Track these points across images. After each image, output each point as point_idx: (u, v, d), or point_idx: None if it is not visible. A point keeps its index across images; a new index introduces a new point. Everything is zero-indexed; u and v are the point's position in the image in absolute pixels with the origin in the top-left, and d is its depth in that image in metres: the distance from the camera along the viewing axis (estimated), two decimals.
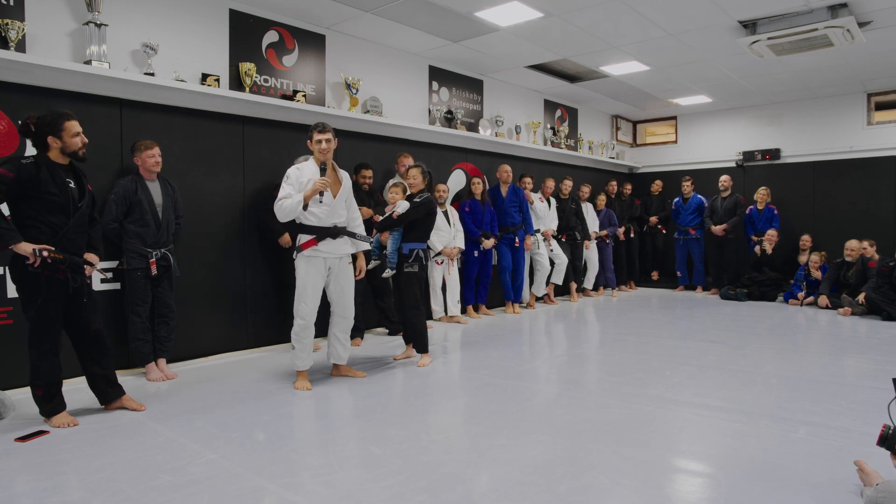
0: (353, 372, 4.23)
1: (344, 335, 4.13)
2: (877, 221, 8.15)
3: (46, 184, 3.07)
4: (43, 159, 3.12)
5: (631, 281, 9.38)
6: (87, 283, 3.32)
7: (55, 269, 3.10)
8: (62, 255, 3.11)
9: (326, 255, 3.91)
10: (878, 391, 3.68)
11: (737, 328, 6.05)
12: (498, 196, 6.97)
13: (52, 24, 4.06)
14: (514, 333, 5.87)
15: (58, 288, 3.15)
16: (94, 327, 3.33)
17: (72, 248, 3.18)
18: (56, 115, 3.13)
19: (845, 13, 5.26)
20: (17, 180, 3.00)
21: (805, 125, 8.96)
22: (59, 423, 3.15)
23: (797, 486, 2.39)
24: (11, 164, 3.03)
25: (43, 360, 3.15)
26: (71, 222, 3.16)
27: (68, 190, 3.14)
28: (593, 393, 3.77)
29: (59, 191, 3.11)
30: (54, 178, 3.10)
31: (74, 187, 3.19)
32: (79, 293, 3.24)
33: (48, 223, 3.10)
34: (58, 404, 3.20)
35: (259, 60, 5.17)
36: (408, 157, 5.95)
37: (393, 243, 4.56)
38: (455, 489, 2.38)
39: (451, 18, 5.51)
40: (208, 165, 4.80)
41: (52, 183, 3.09)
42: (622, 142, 10.48)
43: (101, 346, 3.37)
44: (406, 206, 4.48)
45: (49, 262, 3.05)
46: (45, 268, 3.06)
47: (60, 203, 3.12)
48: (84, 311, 3.28)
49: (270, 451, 2.81)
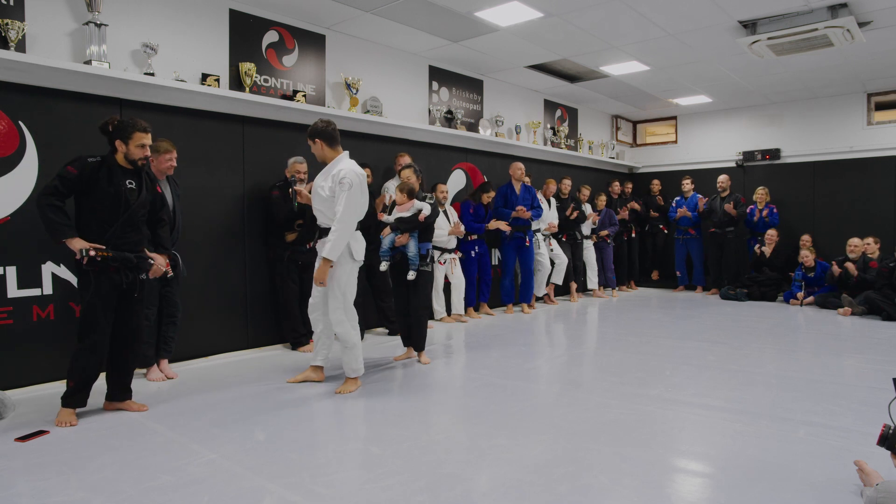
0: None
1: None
2: (877, 221, 8.14)
3: (103, 182, 3.22)
4: (108, 159, 3.28)
5: (631, 281, 9.39)
6: (143, 281, 3.40)
7: (106, 267, 3.21)
8: (111, 252, 3.21)
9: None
10: (878, 391, 3.68)
11: (737, 328, 6.05)
12: (511, 193, 6.96)
13: (52, 24, 4.05)
14: (515, 333, 5.86)
15: (108, 286, 3.24)
16: (135, 324, 3.40)
17: (123, 245, 3.27)
18: (129, 124, 3.29)
19: (845, 13, 5.26)
20: (80, 178, 3.18)
21: (805, 125, 8.96)
22: (60, 419, 3.20)
23: (797, 486, 2.39)
24: (78, 163, 3.21)
25: (80, 356, 3.24)
26: (120, 220, 3.25)
27: (122, 190, 3.26)
28: (593, 393, 3.77)
29: (114, 190, 3.24)
30: (112, 177, 3.25)
31: (133, 188, 3.32)
32: (131, 290, 3.33)
33: (100, 220, 3.23)
34: (78, 400, 3.28)
35: (259, 60, 5.17)
36: (404, 156, 5.94)
37: (415, 244, 4.56)
38: (455, 489, 2.38)
39: (451, 18, 5.51)
40: (208, 165, 4.80)
41: (109, 182, 3.23)
42: (622, 142, 10.48)
43: (136, 346, 3.46)
44: (429, 208, 4.52)
45: (98, 259, 3.16)
46: (94, 265, 3.18)
47: (112, 202, 3.24)
48: (132, 307, 3.37)
49: (270, 451, 2.81)
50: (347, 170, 3.73)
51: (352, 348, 3.84)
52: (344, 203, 3.65)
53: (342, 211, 3.65)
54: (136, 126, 3.29)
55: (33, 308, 3.90)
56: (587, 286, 8.47)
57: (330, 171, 3.79)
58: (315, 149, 3.84)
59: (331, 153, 3.83)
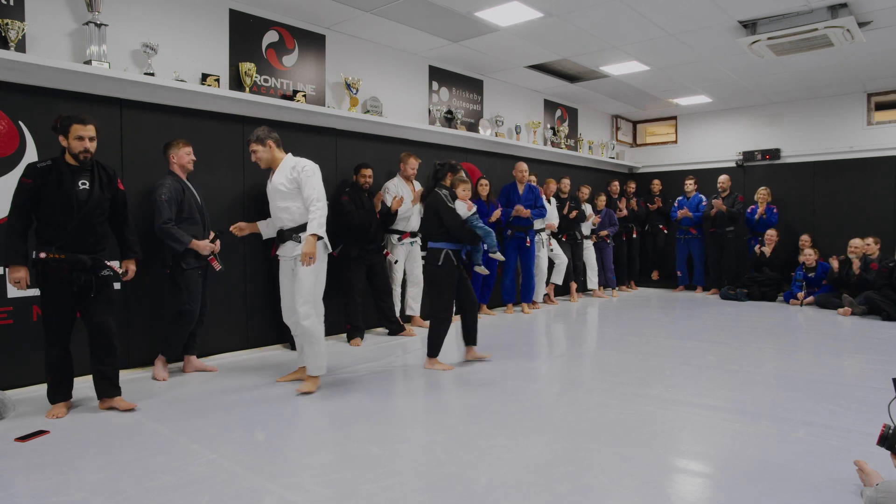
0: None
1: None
2: (877, 221, 8.14)
3: (52, 186, 3.21)
4: (59, 161, 3.27)
5: (631, 281, 9.39)
6: (105, 278, 3.39)
7: (60, 270, 3.23)
8: (62, 254, 3.21)
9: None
10: (878, 391, 3.68)
11: (737, 328, 6.05)
12: (514, 193, 6.97)
13: (52, 24, 4.05)
14: (515, 333, 5.86)
15: (60, 287, 3.25)
16: (99, 321, 3.38)
17: (76, 247, 3.26)
18: (68, 117, 3.26)
19: (845, 13, 5.26)
20: (35, 186, 3.18)
21: (805, 125, 8.96)
22: (51, 412, 3.31)
23: (797, 486, 2.39)
24: (30, 170, 3.22)
25: (47, 353, 3.33)
26: (73, 222, 3.23)
27: (73, 191, 3.24)
28: (593, 393, 3.77)
29: (63, 192, 3.21)
30: (61, 179, 3.22)
31: (86, 188, 3.29)
32: (86, 291, 3.32)
33: (54, 222, 3.23)
34: (58, 394, 3.36)
35: (259, 60, 5.17)
36: (410, 155, 5.94)
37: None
38: (455, 489, 2.38)
39: (451, 18, 5.51)
40: (208, 165, 4.79)
41: (58, 185, 3.22)
42: (622, 142, 10.48)
43: (106, 343, 3.42)
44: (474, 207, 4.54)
45: (51, 261, 3.18)
46: (48, 268, 3.21)
47: (63, 203, 3.22)
48: (93, 307, 3.37)
49: (270, 451, 2.81)
50: (304, 161, 3.85)
51: (317, 344, 3.79)
52: (315, 185, 3.74)
53: (317, 190, 3.73)
54: (74, 118, 3.24)
55: (33, 308, 3.90)
56: (587, 286, 8.47)
57: (284, 169, 3.83)
58: (263, 153, 3.84)
59: (279, 154, 3.89)
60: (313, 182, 3.75)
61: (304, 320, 3.75)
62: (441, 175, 4.54)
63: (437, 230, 4.40)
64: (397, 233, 5.84)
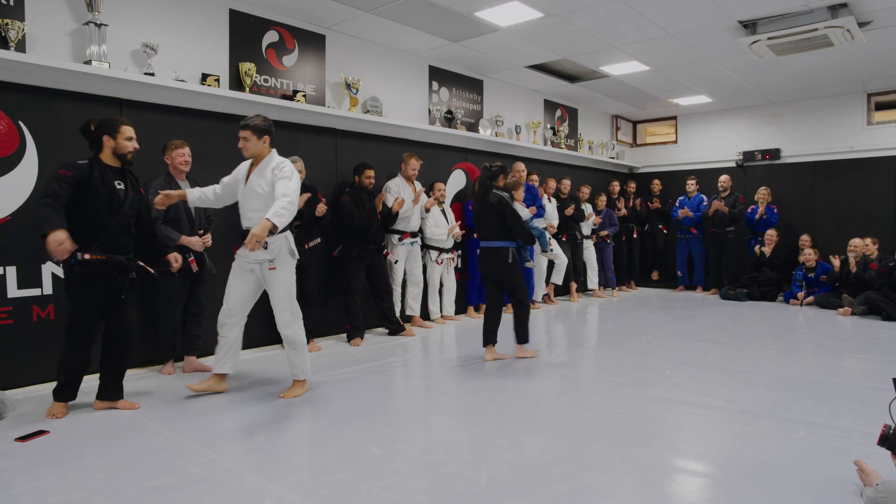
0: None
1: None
2: (877, 221, 8.14)
3: (96, 183, 3.23)
4: (95, 161, 3.29)
5: (631, 281, 9.38)
6: (132, 281, 3.42)
7: (98, 270, 3.24)
8: (103, 255, 3.24)
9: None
10: (878, 391, 3.68)
11: (737, 328, 6.05)
12: None
13: (52, 24, 4.05)
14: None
15: (96, 288, 3.28)
16: (125, 324, 3.42)
17: (115, 248, 3.30)
18: (114, 119, 3.38)
19: (845, 13, 5.26)
20: (75, 178, 3.17)
21: (805, 125, 8.96)
22: (51, 411, 3.31)
23: (797, 486, 2.39)
24: (70, 165, 3.21)
25: (69, 351, 3.30)
26: (113, 222, 3.27)
27: (116, 191, 3.30)
28: (593, 393, 3.77)
29: (107, 191, 3.26)
30: (104, 179, 3.26)
31: (123, 189, 3.35)
32: (118, 292, 3.35)
33: (95, 222, 3.24)
34: (68, 394, 3.36)
35: (259, 60, 5.17)
36: (412, 156, 5.93)
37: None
38: (455, 489, 2.38)
39: (451, 18, 5.51)
40: (208, 165, 4.79)
41: (102, 183, 3.25)
42: (622, 142, 10.48)
43: (124, 345, 3.46)
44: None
45: (92, 262, 3.20)
46: (88, 268, 3.21)
47: (107, 203, 3.26)
48: (121, 308, 3.39)
49: (270, 451, 2.81)
50: (287, 163, 3.62)
51: (301, 350, 3.72)
52: (291, 186, 3.45)
53: (291, 187, 3.44)
54: (120, 121, 3.37)
55: (33, 308, 3.90)
56: (587, 286, 8.46)
57: (265, 170, 3.60)
58: (251, 144, 3.62)
59: (267, 151, 3.68)
60: (290, 183, 3.48)
61: (286, 329, 3.66)
62: (495, 176, 4.72)
63: (499, 230, 4.61)
64: (398, 233, 5.84)
